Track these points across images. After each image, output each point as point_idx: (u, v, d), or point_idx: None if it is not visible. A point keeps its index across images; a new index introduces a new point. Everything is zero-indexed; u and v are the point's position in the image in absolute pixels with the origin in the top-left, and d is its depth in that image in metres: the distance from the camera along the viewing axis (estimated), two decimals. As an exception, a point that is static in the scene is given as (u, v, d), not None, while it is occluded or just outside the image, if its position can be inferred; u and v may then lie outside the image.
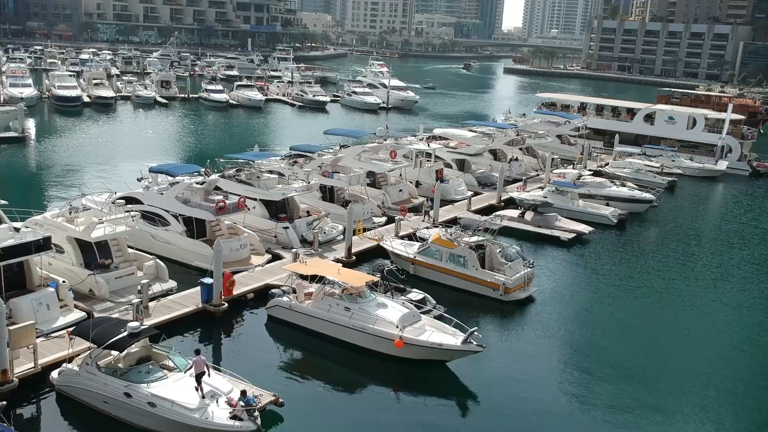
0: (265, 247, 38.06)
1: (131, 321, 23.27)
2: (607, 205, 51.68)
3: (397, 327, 26.95)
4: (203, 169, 39.57)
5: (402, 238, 40.85)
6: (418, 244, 37.72)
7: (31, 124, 76.88)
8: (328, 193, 46.37)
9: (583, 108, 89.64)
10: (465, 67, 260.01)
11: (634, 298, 36.59)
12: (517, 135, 67.07)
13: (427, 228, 43.05)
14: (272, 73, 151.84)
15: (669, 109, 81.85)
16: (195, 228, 37.09)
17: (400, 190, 50.48)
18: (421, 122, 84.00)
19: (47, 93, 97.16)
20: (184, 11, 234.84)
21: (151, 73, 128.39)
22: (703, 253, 45.75)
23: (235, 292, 31.65)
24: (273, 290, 31.28)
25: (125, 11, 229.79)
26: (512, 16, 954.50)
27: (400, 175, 52.34)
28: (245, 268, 35.00)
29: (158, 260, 32.92)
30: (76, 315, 28.37)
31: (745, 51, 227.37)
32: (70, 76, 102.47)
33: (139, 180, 41.55)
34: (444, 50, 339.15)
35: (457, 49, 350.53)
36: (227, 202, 36.33)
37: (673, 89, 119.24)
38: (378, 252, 39.10)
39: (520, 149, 66.09)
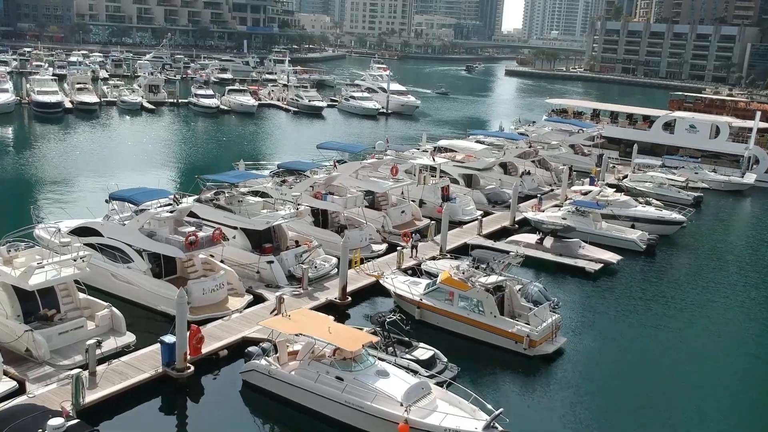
0: (246, 285, 32.64)
1: (55, 415, 17.77)
2: (633, 227, 46.27)
3: (402, 405, 21.50)
4: (173, 195, 33.94)
5: (405, 271, 35.44)
6: (424, 282, 32.33)
7: (3, 134, 71.42)
8: (321, 217, 40.93)
9: (596, 115, 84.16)
10: (467, 69, 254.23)
11: (679, 346, 31.03)
12: (529, 146, 61.48)
13: (434, 259, 37.68)
14: (267, 76, 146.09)
15: (690, 117, 76.27)
16: (163, 264, 31.69)
17: (402, 212, 44.85)
18: (423, 130, 78.65)
19: (27, 98, 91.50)
20: (178, 12, 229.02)
21: (140, 76, 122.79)
22: (748, 283, 40.19)
23: (205, 349, 26.18)
24: (250, 348, 25.75)
25: (118, 12, 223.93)
26: (512, 17, 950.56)
27: (402, 193, 46.64)
28: (220, 314, 29.55)
29: (114, 309, 27.40)
30: (5, 386, 22.96)
31: (752, 53, 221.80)
32: (52, 80, 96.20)
33: (107, 201, 36.04)
34: (444, 52, 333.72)
35: (457, 50, 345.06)
36: (199, 235, 30.80)
37: (685, 93, 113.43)
38: (377, 290, 33.67)
39: (533, 161, 60.47)
